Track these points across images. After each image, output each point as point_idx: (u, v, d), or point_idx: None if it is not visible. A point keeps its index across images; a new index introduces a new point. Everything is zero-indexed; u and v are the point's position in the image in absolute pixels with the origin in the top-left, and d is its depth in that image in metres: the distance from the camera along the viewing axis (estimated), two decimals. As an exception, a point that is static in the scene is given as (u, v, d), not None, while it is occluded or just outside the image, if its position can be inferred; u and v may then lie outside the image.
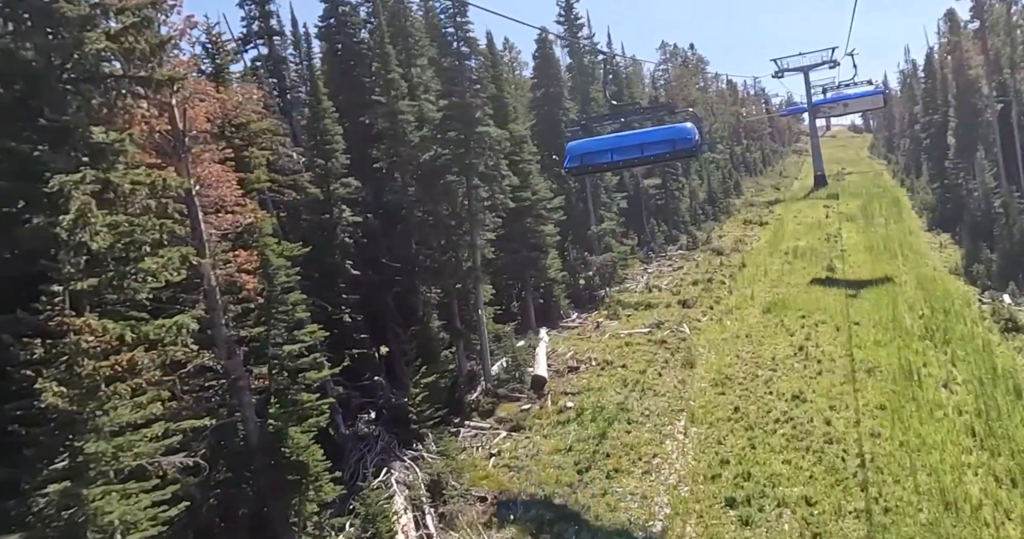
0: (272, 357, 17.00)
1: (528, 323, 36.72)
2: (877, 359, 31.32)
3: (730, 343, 35.10)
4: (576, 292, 42.54)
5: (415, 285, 26.40)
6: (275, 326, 17.10)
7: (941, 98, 66.32)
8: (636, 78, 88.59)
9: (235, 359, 16.33)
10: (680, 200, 66.48)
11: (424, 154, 26.84)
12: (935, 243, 55.99)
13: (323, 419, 17.44)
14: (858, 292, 42.57)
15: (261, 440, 16.35)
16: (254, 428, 16.43)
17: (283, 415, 16.35)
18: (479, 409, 26.85)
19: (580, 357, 32.39)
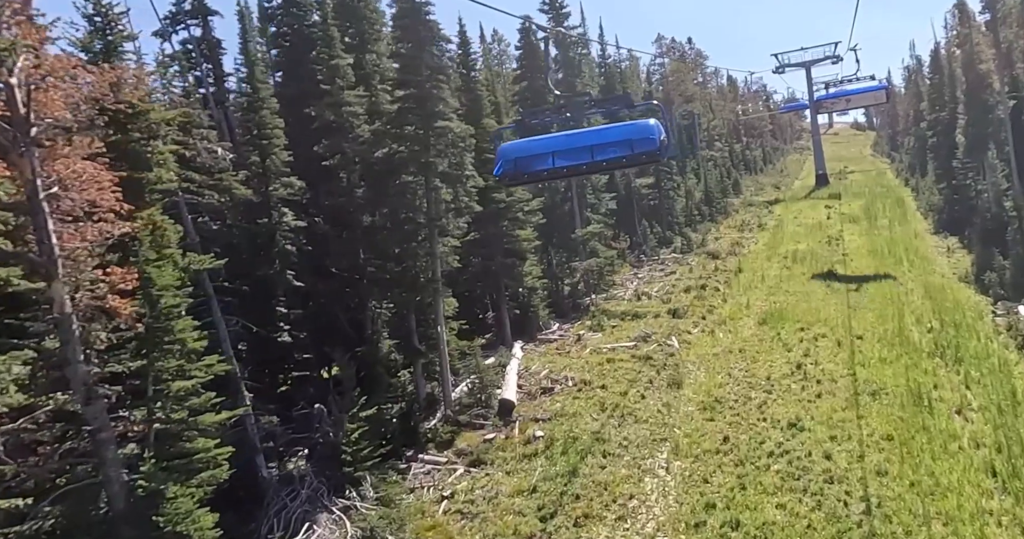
0: (153, 398, 14.01)
1: (503, 336, 33.79)
2: (882, 380, 28.40)
3: (722, 359, 32.17)
4: (558, 300, 39.61)
5: (363, 300, 23.34)
6: (160, 359, 14.12)
7: (949, 94, 63.23)
8: (632, 74, 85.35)
9: (96, 404, 13.25)
10: (675, 200, 63.49)
11: (377, 151, 23.86)
12: (942, 247, 52.99)
13: (221, 472, 14.43)
14: (861, 301, 39.70)
15: (128, 506, 13.35)
16: (119, 491, 13.41)
17: (160, 472, 13.34)
18: (436, 440, 23.77)
19: (556, 376, 29.42)
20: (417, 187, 24.31)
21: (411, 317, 24.69)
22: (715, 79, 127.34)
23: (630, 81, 79.01)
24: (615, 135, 13.33)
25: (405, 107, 23.99)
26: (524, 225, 34.85)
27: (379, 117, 24.30)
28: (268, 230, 22.09)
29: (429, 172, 23.94)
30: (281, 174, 22.52)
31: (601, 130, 13.89)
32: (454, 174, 24.79)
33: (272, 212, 22.22)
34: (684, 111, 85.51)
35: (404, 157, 23.87)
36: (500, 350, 31.37)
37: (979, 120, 51.64)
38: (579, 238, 41.54)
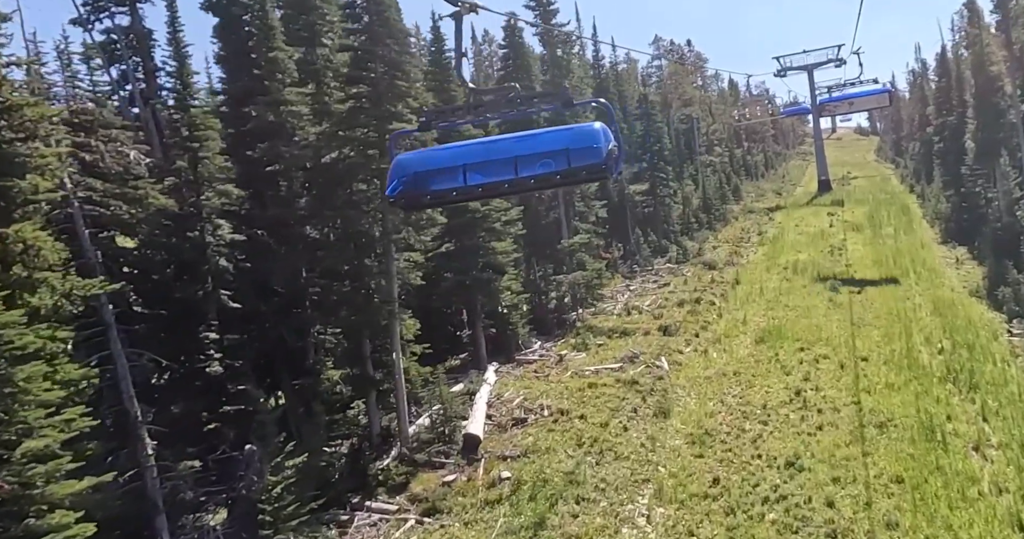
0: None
1: (478, 357, 31.18)
2: (890, 409, 25.80)
3: (715, 383, 29.56)
4: (542, 316, 36.98)
5: (305, 324, 20.65)
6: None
7: (956, 98, 60.69)
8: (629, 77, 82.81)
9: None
10: (671, 207, 60.87)
11: (324, 156, 21.27)
12: (950, 258, 50.37)
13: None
14: (865, 317, 37.10)
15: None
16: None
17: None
18: (389, 483, 20.96)
19: (530, 404, 26.74)
20: (372, 197, 21.71)
21: (364, 343, 22.03)
22: (715, 82, 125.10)
23: (627, 84, 76.58)
24: (547, 143, 9.95)
25: (357, 107, 21.37)
26: (503, 236, 32.26)
27: (327, 118, 21.69)
28: (197, 245, 19.46)
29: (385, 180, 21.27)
30: (215, 181, 19.92)
31: (528, 137, 10.45)
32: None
33: (204, 224, 19.61)
34: (683, 115, 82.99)
35: (355, 163, 21.26)
36: (471, 375, 28.73)
37: (990, 125, 49.02)
38: (565, 249, 38.93)
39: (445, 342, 32.62)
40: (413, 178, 10.05)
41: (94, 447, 13.20)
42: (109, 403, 15.02)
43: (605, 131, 10.03)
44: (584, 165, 9.65)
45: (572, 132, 10.20)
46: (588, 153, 9.65)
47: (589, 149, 9.68)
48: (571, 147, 9.62)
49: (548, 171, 9.65)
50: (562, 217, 40.94)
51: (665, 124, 70.52)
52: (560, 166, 9.61)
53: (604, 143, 9.82)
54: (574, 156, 9.56)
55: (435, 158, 10.57)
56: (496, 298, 30.80)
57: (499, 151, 10.01)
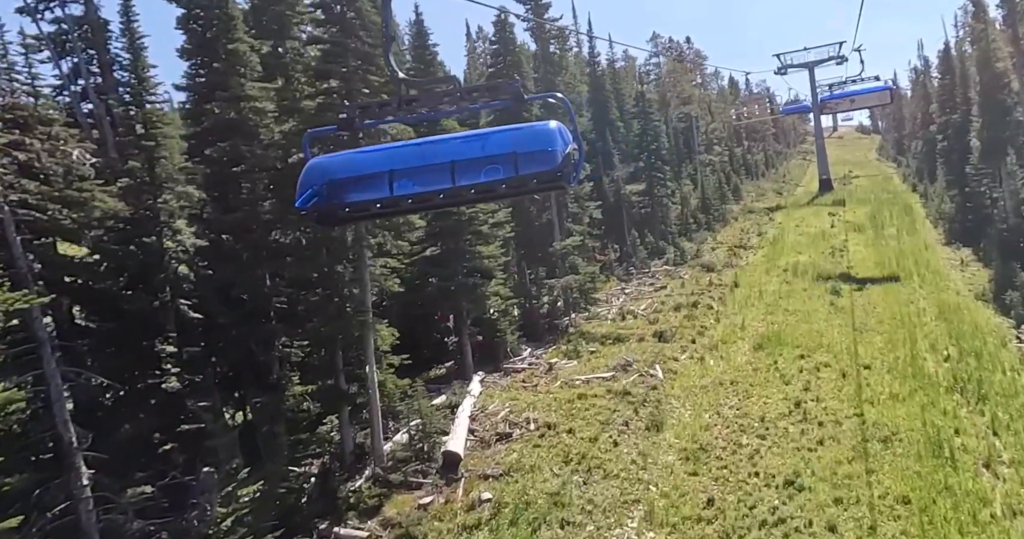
0: None
1: (464, 366, 29.87)
2: (895, 422, 24.47)
3: (711, 393, 28.22)
4: (533, 322, 35.65)
5: (269, 337, 19.25)
6: None
7: (961, 95, 59.36)
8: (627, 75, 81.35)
9: None
10: (668, 208, 59.52)
11: (293, 155, 19.89)
12: (955, 259, 49.03)
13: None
14: (868, 322, 35.77)
15: None
16: None
17: None
18: (360, 506, 19.52)
19: (516, 418, 25.38)
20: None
21: (337, 354, 20.68)
22: (715, 81, 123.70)
23: (624, 82, 75.18)
24: (490, 145, 8.09)
25: (326, 103, 20.01)
26: (490, 240, 30.94)
27: (295, 115, 20.33)
28: (154, 251, 18.12)
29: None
30: (174, 182, 18.59)
31: (468, 138, 8.55)
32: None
33: (161, 229, 18.28)
34: (681, 113, 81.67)
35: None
36: (454, 385, 27.39)
37: (995, 122, 47.68)
38: (557, 252, 37.59)
39: (430, 350, 31.41)
40: (328, 187, 8.12)
41: (15, 481, 11.90)
42: (42, 428, 13.69)
43: (562, 131, 8.13)
44: (535, 172, 7.77)
45: (521, 133, 8.18)
46: (540, 158, 7.77)
47: (542, 153, 7.79)
48: (520, 150, 7.74)
49: (492, 179, 7.80)
50: (555, 218, 39.60)
51: (663, 123, 69.22)
52: (506, 173, 7.74)
53: (560, 146, 7.93)
54: (523, 161, 7.71)
55: (355, 163, 8.51)
56: (482, 304, 29.49)
57: (433, 155, 8.12)
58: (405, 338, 28.52)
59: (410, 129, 20.46)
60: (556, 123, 8.05)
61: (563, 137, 7.99)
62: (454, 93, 8.62)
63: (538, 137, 7.92)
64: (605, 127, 55.90)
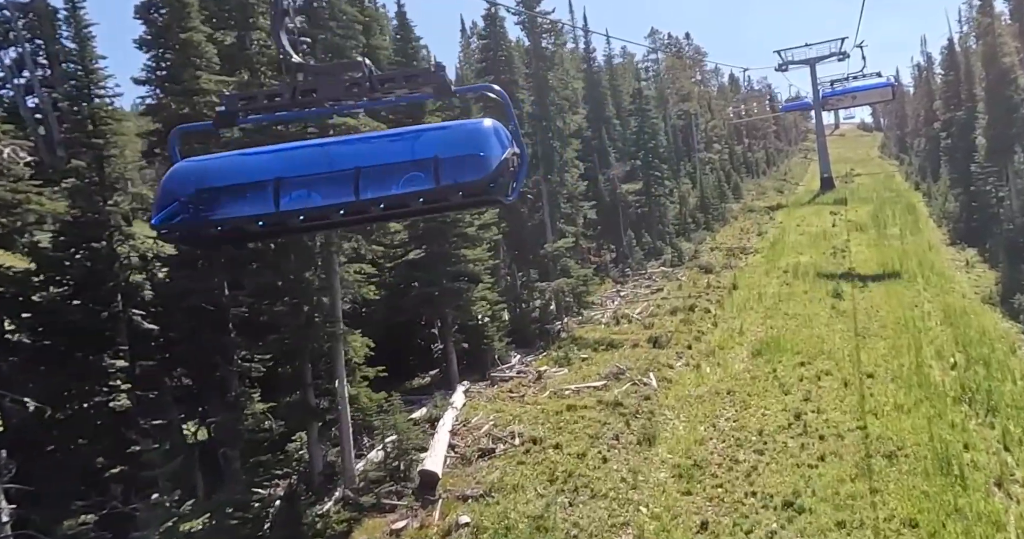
0: None
1: (449, 374, 28.58)
2: (900, 435, 23.16)
3: (707, 403, 26.93)
4: (523, 327, 34.32)
5: (226, 350, 17.86)
6: None
7: (966, 92, 57.97)
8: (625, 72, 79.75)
9: None
10: (666, 207, 58.16)
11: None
12: (959, 260, 47.76)
13: None
14: (870, 327, 34.47)
15: None
16: None
17: None
18: (328, 532, 18.12)
19: (501, 432, 24.07)
20: None
21: (306, 368, 19.34)
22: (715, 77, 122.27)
23: (622, 78, 73.71)
24: (406, 149, 6.35)
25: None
26: (477, 242, 29.62)
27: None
28: (104, 257, 16.80)
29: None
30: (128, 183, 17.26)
31: (378, 139, 6.90)
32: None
33: (112, 233, 16.96)
34: (680, 111, 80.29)
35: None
36: (436, 397, 26.05)
37: (1002, 120, 46.25)
38: (549, 254, 36.26)
39: (415, 357, 30.13)
40: (195, 198, 6.28)
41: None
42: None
43: (499, 133, 6.39)
44: (463, 183, 6.06)
45: (446, 133, 6.48)
46: (469, 164, 6.07)
47: (471, 158, 6.09)
48: (443, 155, 6.05)
49: (406, 191, 6.06)
50: (547, 219, 38.30)
51: (661, 120, 67.86)
52: (425, 184, 6.03)
53: (495, 150, 6.21)
54: (447, 168, 6.02)
55: (232, 168, 6.58)
56: (468, 310, 28.16)
57: (332, 159, 6.30)
58: (387, 346, 27.32)
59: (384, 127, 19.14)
60: (492, 122, 6.43)
61: (500, 139, 6.30)
62: (362, 83, 6.67)
63: (467, 138, 6.25)
64: (601, 125, 54.56)
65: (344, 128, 17.19)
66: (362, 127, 17.41)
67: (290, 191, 6.14)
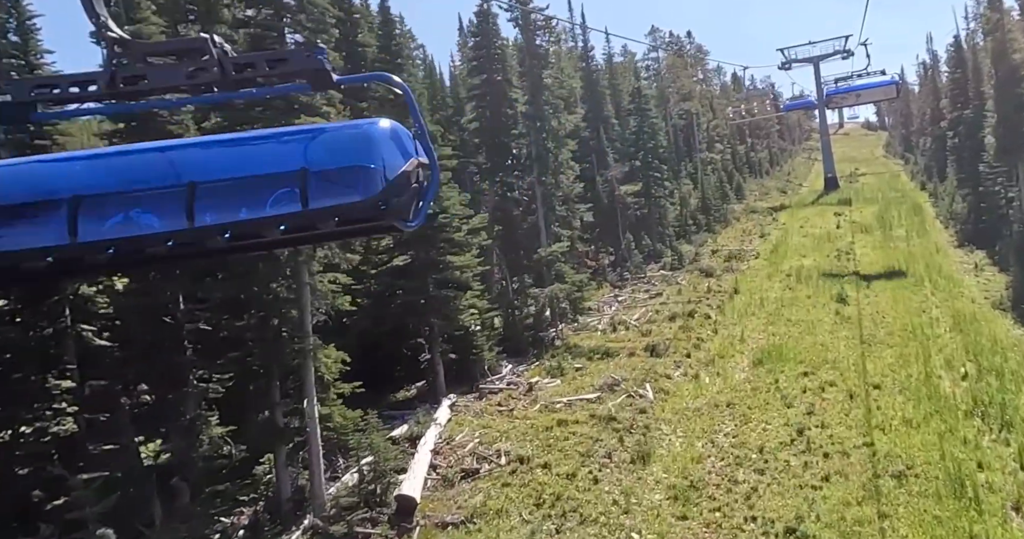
0: None
1: (436, 387, 27.31)
2: (909, 453, 21.83)
3: (705, 417, 25.64)
4: (515, 335, 33.03)
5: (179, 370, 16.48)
6: None
7: (973, 90, 56.54)
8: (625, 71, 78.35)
9: None
10: (666, 209, 56.85)
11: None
12: (968, 263, 46.41)
13: None
14: (876, 334, 33.17)
15: None
16: None
17: None
18: None
19: (486, 450, 22.75)
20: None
21: (274, 386, 18.04)
22: (718, 76, 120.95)
23: (621, 77, 72.39)
24: (261, 158, 4.46)
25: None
26: (466, 248, 28.35)
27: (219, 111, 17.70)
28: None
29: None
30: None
31: (223, 145, 4.83)
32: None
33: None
34: (681, 110, 78.95)
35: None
36: (418, 412, 24.74)
37: (1012, 118, 44.76)
38: (543, 259, 34.96)
39: (402, 367, 28.87)
40: None
41: None
42: None
43: (398, 138, 4.58)
44: (340, 206, 4.29)
45: (324, 138, 4.58)
46: (351, 180, 4.32)
47: (355, 173, 4.33)
48: (316, 167, 4.29)
49: (261, 217, 4.27)
50: (541, 223, 37.01)
51: (661, 120, 66.57)
52: (287, 206, 4.25)
53: (391, 160, 4.44)
54: (321, 185, 4.27)
55: (13, 181, 4.48)
56: (455, 319, 26.87)
57: (156, 171, 4.40)
58: (372, 356, 26.11)
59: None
60: (390, 123, 4.61)
61: (399, 146, 4.52)
62: (209, 68, 4.65)
63: (350, 144, 4.42)
64: (599, 125, 53.23)
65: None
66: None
67: (96, 214, 4.22)
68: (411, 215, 4.60)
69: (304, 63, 4.57)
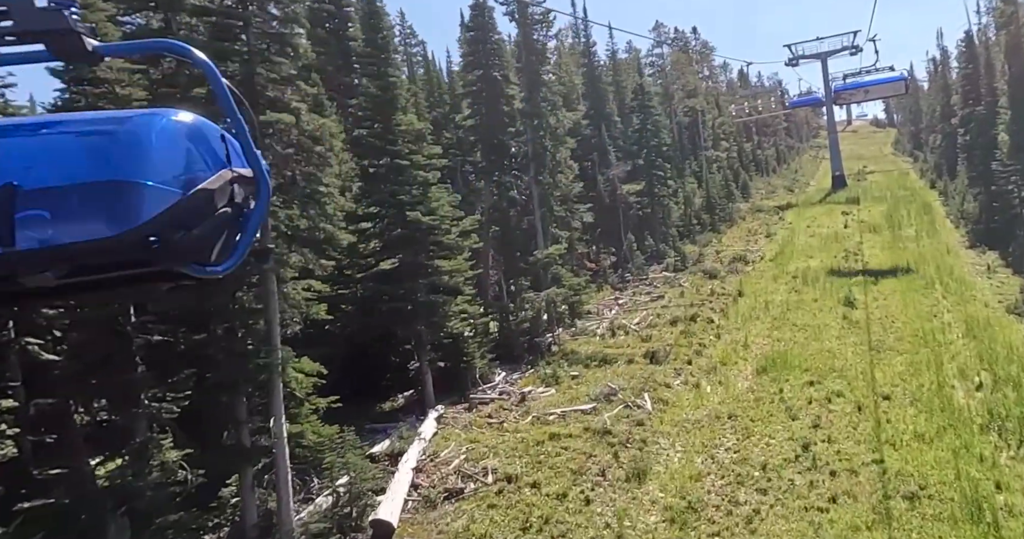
0: None
1: (425, 397, 26.10)
2: (922, 472, 20.53)
3: (705, 430, 24.37)
4: (510, 341, 31.79)
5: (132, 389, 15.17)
6: None
7: (986, 86, 55.02)
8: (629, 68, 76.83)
9: None
10: (669, 208, 55.50)
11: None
12: (980, 265, 44.97)
13: None
14: (886, 339, 31.85)
15: None
16: None
17: None
18: None
19: (472, 467, 21.46)
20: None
21: (241, 403, 16.78)
22: (724, 73, 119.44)
23: (625, 74, 70.92)
24: None
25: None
26: (457, 251, 27.13)
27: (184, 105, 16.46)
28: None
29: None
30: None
31: None
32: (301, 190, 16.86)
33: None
34: (686, 107, 77.51)
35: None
36: (401, 427, 23.48)
37: (1027, 115, 43.46)
38: (540, 261, 33.69)
39: (391, 376, 27.69)
40: None
41: None
42: None
43: (195, 138, 2.66)
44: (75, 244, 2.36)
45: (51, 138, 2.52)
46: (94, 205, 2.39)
47: (100, 191, 2.41)
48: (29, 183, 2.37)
49: None
50: (538, 224, 35.75)
51: (665, 117, 65.19)
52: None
53: (167, 174, 2.52)
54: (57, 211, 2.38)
55: None
56: (444, 326, 25.63)
57: None
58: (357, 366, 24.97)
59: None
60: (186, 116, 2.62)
61: (192, 152, 2.67)
62: None
63: (107, 147, 2.49)
64: (601, 122, 51.89)
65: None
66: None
67: None
68: (217, 254, 2.86)
69: (34, 18, 2.74)
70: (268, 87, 15.97)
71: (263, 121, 15.43)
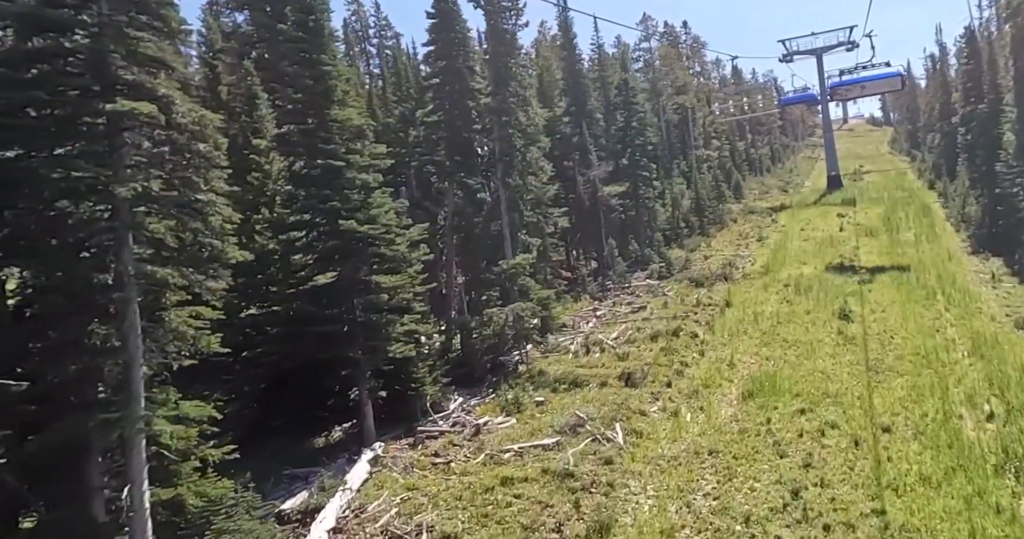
0: None
1: (364, 430, 23.02)
2: (929, 525, 17.61)
3: (682, 469, 21.35)
4: (471, 361, 28.72)
5: None
6: None
7: (989, 83, 52.04)
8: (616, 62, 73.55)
9: None
10: (655, 211, 52.47)
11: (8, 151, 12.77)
12: (984, 272, 42.07)
13: None
14: (885, 359, 28.94)
15: None
16: None
17: None
18: None
19: (404, 525, 18.27)
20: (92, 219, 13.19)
21: (91, 465, 13.57)
22: (716, 69, 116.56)
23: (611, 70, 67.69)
24: None
25: (55, 70, 12.77)
26: (404, 264, 24.05)
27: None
28: None
29: (115, 198, 12.89)
30: None
31: None
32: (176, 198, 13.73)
33: None
34: (675, 104, 74.47)
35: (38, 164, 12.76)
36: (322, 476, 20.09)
37: (1034, 113, 40.46)
38: (505, 272, 30.59)
39: (330, 404, 24.55)
40: None
41: None
42: None
43: None
44: None
45: None
46: None
47: None
48: None
49: None
50: (505, 230, 32.63)
51: (653, 114, 62.15)
52: None
53: None
54: None
55: None
56: (385, 350, 22.53)
57: None
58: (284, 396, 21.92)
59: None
60: None
61: None
62: None
63: None
64: (582, 119, 48.73)
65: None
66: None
67: None
68: None
69: None
70: (126, 69, 12.82)
71: (114, 111, 12.30)
